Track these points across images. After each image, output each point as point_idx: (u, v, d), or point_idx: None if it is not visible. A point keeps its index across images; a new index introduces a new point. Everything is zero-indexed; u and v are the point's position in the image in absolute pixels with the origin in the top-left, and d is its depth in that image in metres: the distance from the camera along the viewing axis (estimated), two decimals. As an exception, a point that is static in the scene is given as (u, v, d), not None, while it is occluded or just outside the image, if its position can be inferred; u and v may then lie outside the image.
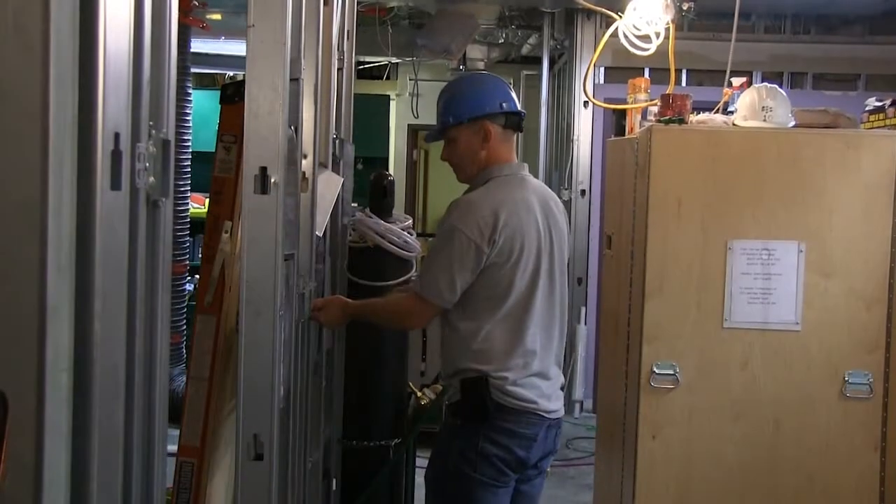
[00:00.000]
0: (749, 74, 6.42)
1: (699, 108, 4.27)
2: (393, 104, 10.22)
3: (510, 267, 2.98)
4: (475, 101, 3.14)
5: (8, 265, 0.99)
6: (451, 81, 3.42)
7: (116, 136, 1.14)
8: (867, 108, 4.27)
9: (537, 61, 8.08)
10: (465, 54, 8.21)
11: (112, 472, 1.19)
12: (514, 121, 3.17)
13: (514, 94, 3.24)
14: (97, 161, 1.09)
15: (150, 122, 1.28)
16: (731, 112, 4.21)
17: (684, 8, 5.96)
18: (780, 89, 4.15)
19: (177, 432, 2.62)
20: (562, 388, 3.23)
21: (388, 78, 10.00)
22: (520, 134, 3.33)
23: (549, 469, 3.33)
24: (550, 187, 3.72)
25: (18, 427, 0.98)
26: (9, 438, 0.97)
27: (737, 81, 4.40)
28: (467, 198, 3.08)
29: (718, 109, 4.33)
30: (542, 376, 3.08)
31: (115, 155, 1.14)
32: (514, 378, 2.99)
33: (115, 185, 1.15)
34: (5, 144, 0.98)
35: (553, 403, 3.10)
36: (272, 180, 2.05)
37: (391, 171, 9.29)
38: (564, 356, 3.34)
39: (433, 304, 3.01)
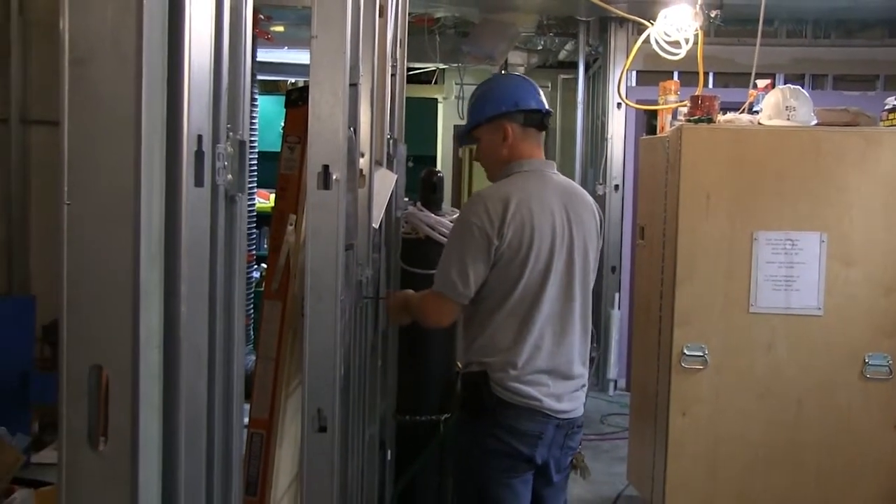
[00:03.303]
0: (772, 76, 6.35)
1: (726, 108, 4.25)
2: (440, 107, 10.22)
3: (519, 260, 2.80)
4: (492, 101, 3.02)
5: (105, 254, 1.01)
6: (478, 85, 3.26)
7: (199, 137, 1.16)
8: (886, 107, 4.22)
9: (573, 66, 8.06)
10: (506, 60, 8.20)
11: (197, 441, 1.21)
12: (535, 119, 2.99)
13: (538, 94, 3.05)
14: (183, 160, 1.10)
15: (228, 125, 1.30)
16: (757, 112, 4.18)
17: (712, 15, 5.92)
18: (802, 90, 4.12)
19: (247, 406, 2.65)
20: (583, 388, 2.99)
21: (435, 82, 10.01)
22: (546, 132, 3.11)
23: (572, 460, 3.11)
24: (585, 183, 3.73)
25: (116, 399, 1.00)
26: (109, 408, 1.00)
27: (761, 83, 4.36)
28: (480, 191, 2.95)
29: (744, 109, 4.30)
30: (552, 374, 2.85)
31: (199, 155, 1.16)
32: (515, 374, 2.80)
33: (198, 182, 1.16)
34: (103, 146, 1.00)
35: (564, 404, 2.87)
36: (334, 177, 2.06)
37: (439, 167, 9.30)
38: (599, 338, 3.24)
39: (449, 299, 2.85)
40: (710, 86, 6.92)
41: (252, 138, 5.80)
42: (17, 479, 3.50)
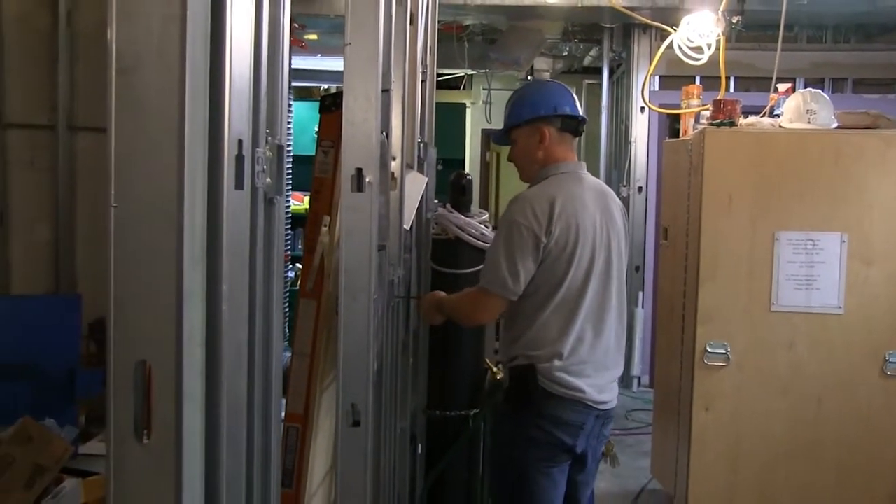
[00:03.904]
0: (793, 81, 6.30)
1: (747, 112, 4.21)
2: (468, 111, 10.23)
3: (566, 258, 2.86)
4: (532, 104, 3.07)
5: (151, 255, 1.02)
6: (517, 88, 3.33)
7: (240, 142, 1.17)
8: (905, 110, 4.16)
9: (598, 71, 8.05)
10: (532, 66, 8.19)
11: (237, 433, 1.21)
12: (571, 124, 3.06)
13: (575, 101, 3.11)
14: (224, 164, 1.11)
15: (267, 130, 1.31)
16: (777, 115, 4.15)
17: (733, 21, 5.88)
18: (823, 94, 4.08)
19: (283, 401, 2.66)
20: (617, 379, 3.07)
21: (464, 88, 10.01)
22: (579, 137, 3.17)
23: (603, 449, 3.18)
24: (610, 185, 3.71)
25: (161, 394, 1.01)
26: (154, 402, 1.01)
27: (782, 87, 4.33)
28: (524, 193, 2.98)
29: (765, 113, 4.27)
30: (594, 366, 2.91)
31: (239, 159, 1.16)
32: (561, 366, 2.85)
33: (239, 185, 1.17)
34: (148, 151, 1.01)
35: (604, 395, 2.94)
36: (367, 180, 2.06)
37: (467, 170, 9.30)
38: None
39: (498, 295, 2.88)
40: (732, 90, 6.88)
41: (287, 142, 5.81)
42: (66, 469, 3.53)
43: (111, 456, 1.01)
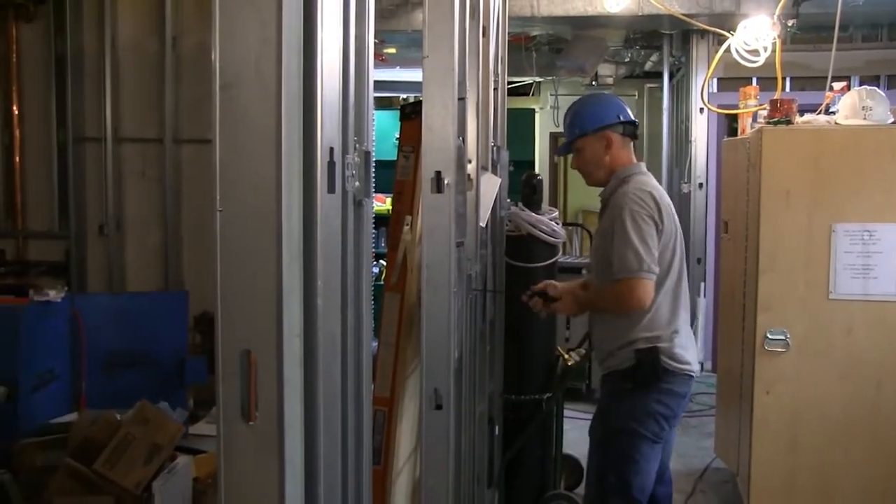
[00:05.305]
0: (847, 79, 6.09)
1: (803, 110, 4.09)
2: (537, 116, 10.18)
3: (671, 245, 2.95)
4: (596, 115, 3.11)
5: (253, 254, 1.03)
6: (573, 103, 3.32)
7: (331, 150, 1.18)
8: (959, 104, 4.00)
9: (658, 75, 7.95)
10: (596, 72, 8.11)
11: (332, 416, 1.23)
12: (630, 129, 3.14)
13: (627, 108, 3.17)
14: (317, 171, 1.13)
15: (355, 138, 1.32)
16: (833, 112, 4.02)
17: (789, 24, 5.73)
18: (878, 90, 3.94)
19: (370, 386, 2.68)
20: None
21: (532, 94, 9.97)
22: (635, 140, 3.24)
23: None
24: (671, 182, 3.68)
25: (264, 379, 1.03)
26: (258, 388, 1.02)
27: (837, 86, 4.20)
28: (626, 190, 2.98)
29: (821, 111, 4.14)
30: (689, 342, 3.03)
31: (331, 165, 1.18)
32: (678, 344, 2.95)
33: (331, 189, 1.18)
34: (249, 159, 1.02)
35: (697, 365, 3.07)
36: (445, 182, 2.07)
37: (537, 171, 9.25)
38: None
39: (648, 280, 2.87)
40: (788, 90, 6.70)
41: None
42: (178, 448, 3.63)
43: (221, 436, 1.04)
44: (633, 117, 3.15)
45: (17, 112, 5.82)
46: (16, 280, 5.41)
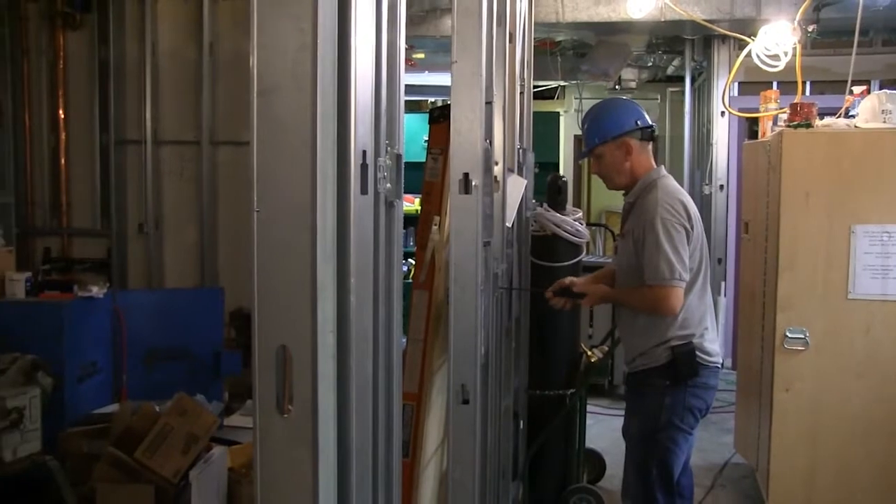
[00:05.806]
0: (867, 83, 6.01)
1: (823, 113, 4.05)
2: (562, 119, 10.14)
3: (699, 247, 2.96)
4: (615, 121, 3.09)
5: (288, 253, 1.04)
6: (590, 109, 3.29)
7: (364, 153, 1.18)
8: (979, 108, 3.93)
9: (680, 80, 7.89)
10: (619, 76, 8.07)
11: (364, 409, 1.24)
12: (648, 134, 3.11)
13: (643, 112, 3.15)
14: (350, 173, 1.13)
15: (387, 141, 1.32)
16: (853, 116, 3.97)
17: (809, 29, 5.66)
18: (898, 94, 3.88)
19: (400, 380, 2.68)
20: None
21: (557, 98, 9.94)
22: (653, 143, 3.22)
23: None
24: (693, 184, 3.67)
25: (299, 373, 1.04)
26: (293, 381, 1.03)
27: (857, 89, 4.14)
28: (658, 197, 2.95)
29: (841, 114, 4.09)
30: (716, 335, 3.08)
31: (363, 167, 1.18)
32: (709, 339, 3.00)
33: (363, 190, 1.19)
34: (285, 161, 1.03)
35: (721, 356, 3.11)
36: (473, 183, 2.07)
37: (562, 172, 9.22)
38: None
39: (678, 287, 2.88)
40: (808, 94, 6.62)
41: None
42: (214, 439, 3.66)
43: (257, 427, 1.05)
44: (649, 121, 3.12)
45: (62, 116, 5.89)
46: (61, 276, 5.49)
